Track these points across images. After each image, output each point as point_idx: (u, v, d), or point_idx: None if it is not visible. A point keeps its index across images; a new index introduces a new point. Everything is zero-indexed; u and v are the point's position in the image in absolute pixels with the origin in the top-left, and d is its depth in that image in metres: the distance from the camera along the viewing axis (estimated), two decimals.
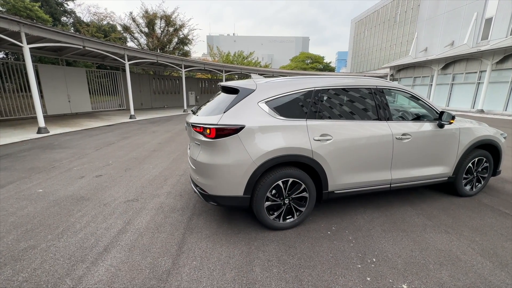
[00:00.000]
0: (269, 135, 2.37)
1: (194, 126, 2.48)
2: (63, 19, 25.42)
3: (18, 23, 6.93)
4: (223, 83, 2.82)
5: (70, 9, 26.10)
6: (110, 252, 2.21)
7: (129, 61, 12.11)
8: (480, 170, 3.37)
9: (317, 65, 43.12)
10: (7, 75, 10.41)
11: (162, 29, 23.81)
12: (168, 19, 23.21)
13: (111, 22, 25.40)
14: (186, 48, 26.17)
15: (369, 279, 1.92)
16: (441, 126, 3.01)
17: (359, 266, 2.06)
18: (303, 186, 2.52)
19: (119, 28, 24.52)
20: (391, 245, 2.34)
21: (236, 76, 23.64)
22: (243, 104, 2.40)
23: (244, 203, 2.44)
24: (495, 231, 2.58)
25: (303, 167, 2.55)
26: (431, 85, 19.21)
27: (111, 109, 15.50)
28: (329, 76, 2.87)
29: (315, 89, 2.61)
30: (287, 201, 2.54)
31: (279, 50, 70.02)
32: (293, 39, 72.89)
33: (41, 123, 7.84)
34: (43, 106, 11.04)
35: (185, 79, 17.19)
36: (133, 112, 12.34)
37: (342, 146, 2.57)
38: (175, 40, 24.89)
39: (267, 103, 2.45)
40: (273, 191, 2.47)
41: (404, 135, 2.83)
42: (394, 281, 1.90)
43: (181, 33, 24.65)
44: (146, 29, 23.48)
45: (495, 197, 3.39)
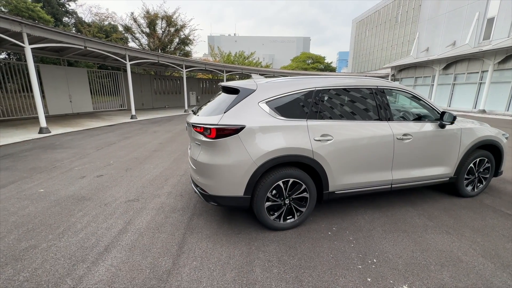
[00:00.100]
0: (270, 135, 2.36)
1: (194, 126, 2.48)
2: (65, 19, 25.54)
3: (20, 24, 6.97)
4: (223, 83, 2.81)
5: (71, 9, 26.25)
6: (110, 252, 2.22)
7: (130, 61, 12.14)
8: (481, 170, 3.35)
9: (318, 65, 43.10)
10: (9, 76, 10.46)
11: (163, 30, 23.87)
12: (169, 20, 23.26)
13: (112, 22, 25.51)
14: (187, 48, 26.24)
15: (369, 280, 1.91)
16: (442, 126, 2.99)
17: (360, 266, 2.06)
18: (304, 186, 2.51)
19: (121, 28, 24.62)
20: (392, 246, 2.33)
21: (237, 76, 23.65)
22: (244, 104, 2.40)
23: (244, 204, 2.44)
24: (497, 232, 2.57)
25: (303, 168, 2.55)
26: (433, 85, 19.15)
27: (112, 109, 15.54)
28: (329, 76, 2.87)
29: (316, 89, 2.60)
30: (287, 202, 2.54)
31: (280, 50, 70.03)
32: (294, 39, 72.87)
33: (43, 123, 7.87)
34: (45, 106, 11.09)
35: (186, 79, 17.22)
36: (134, 112, 12.37)
37: (342, 146, 2.56)
38: (176, 40, 24.95)
39: (267, 103, 2.44)
40: (274, 192, 2.47)
41: (405, 135, 2.82)
42: (395, 282, 1.89)
43: (182, 33, 24.71)
44: (147, 30, 23.55)
45: (497, 198, 3.38)
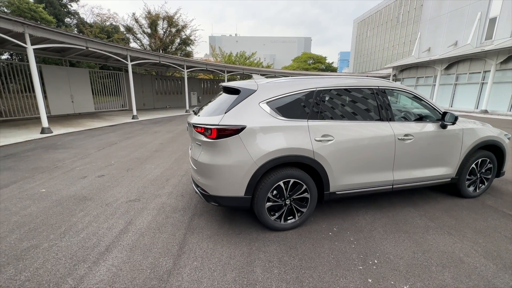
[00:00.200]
0: (270, 135, 2.36)
1: (195, 126, 2.48)
2: (67, 20, 25.65)
3: (22, 24, 7.01)
4: (224, 84, 2.82)
5: (73, 10, 26.36)
6: (111, 252, 2.22)
7: (131, 61, 12.18)
8: (483, 171, 3.33)
9: (319, 66, 43.09)
10: (11, 76, 10.52)
11: (164, 30, 23.91)
12: (170, 20, 23.30)
13: (114, 23, 25.56)
14: (188, 48, 26.26)
15: (370, 281, 1.90)
16: (444, 126, 2.98)
17: (361, 267, 2.05)
18: (304, 186, 2.51)
19: (122, 29, 24.67)
20: (393, 247, 2.32)
21: (238, 76, 23.66)
22: (244, 104, 2.40)
23: (245, 204, 2.44)
24: (499, 233, 2.55)
25: (304, 168, 2.55)
26: (434, 85, 19.08)
27: (114, 110, 15.59)
28: (330, 76, 2.86)
29: (317, 89, 2.60)
30: (288, 202, 2.53)
31: (281, 50, 70.03)
32: (295, 40, 72.85)
33: (45, 123, 7.91)
34: (47, 106, 11.12)
35: (187, 79, 17.24)
36: (135, 112, 12.41)
37: (343, 146, 2.56)
38: (178, 40, 24.98)
39: (268, 103, 2.44)
40: (274, 192, 2.47)
41: (406, 135, 2.81)
42: (396, 283, 1.88)
43: (183, 33, 24.73)
44: (148, 30, 23.59)
45: (499, 199, 3.36)
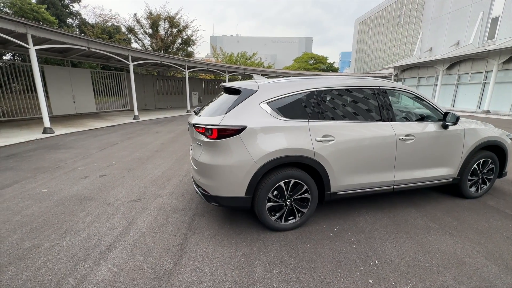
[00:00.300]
0: (271, 135, 2.36)
1: (196, 126, 2.48)
2: (69, 21, 25.77)
3: (24, 25, 7.05)
4: (225, 84, 2.82)
5: (75, 11, 26.50)
6: (112, 252, 2.23)
7: (133, 62, 12.21)
8: (485, 171, 3.32)
9: (321, 66, 43.05)
10: (14, 76, 10.58)
11: (165, 30, 23.96)
12: (171, 20, 23.34)
13: (115, 23, 25.63)
14: (189, 49, 26.29)
15: (371, 282, 1.90)
16: (445, 127, 2.97)
17: (362, 268, 2.05)
18: (305, 187, 2.51)
19: (124, 29, 24.73)
20: (394, 247, 2.31)
21: (239, 76, 23.68)
22: (245, 105, 2.40)
23: (245, 204, 2.44)
24: (501, 234, 2.54)
25: (305, 168, 2.54)
26: (436, 85, 19.01)
27: (115, 110, 15.65)
28: (331, 76, 2.86)
29: (317, 89, 2.60)
30: (289, 202, 2.53)
31: (282, 50, 69.97)
32: (296, 40, 72.78)
33: (47, 123, 7.95)
34: (49, 106, 11.18)
35: (189, 79, 17.27)
36: (136, 112, 12.44)
37: (344, 147, 2.55)
38: (179, 41, 25.02)
39: (269, 103, 2.44)
40: (275, 192, 2.46)
41: (407, 136, 2.80)
42: (397, 284, 1.87)
43: (184, 34, 24.76)
44: (150, 30, 23.64)
45: (501, 199, 3.34)
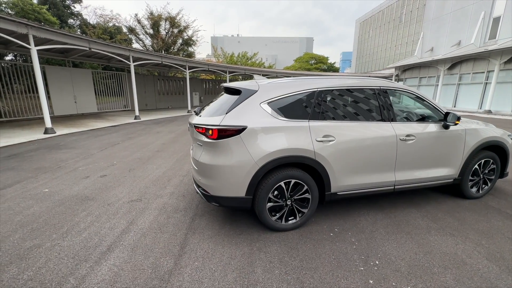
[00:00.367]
0: (271, 136, 2.36)
1: (196, 127, 2.49)
2: (70, 21, 25.85)
3: (26, 26, 7.08)
4: (225, 84, 2.82)
5: (76, 11, 26.56)
6: (113, 251, 2.23)
7: (134, 62, 12.24)
8: (486, 172, 3.31)
9: (321, 66, 43.02)
10: (15, 77, 10.63)
11: (166, 31, 24.03)
12: (172, 21, 23.40)
13: (116, 24, 25.70)
14: (190, 49, 26.35)
15: (372, 282, 1.89)
16: (446, 127, 2.96)
17: (362, 268, 2.04)
18: (306, 187, 2.51)
19: (125, 29, 24.82)
20: (394, 248, 2.31)
21: (240, 77, 23.69)
22: (245, 105, 2.40)
23: (246, 204, 2.44)
24: (502, 234, 2.53)
25: (305, 168, 2.54)
26: (437, 85, 18.96)
27: (116, 110, 15.68)
28: (332, 76, 2.86)
29: (318, 90, 2.60)
30: (289, 202, 2.53)
31: (283, 50, 69.95)
32: (297, 40, 72.74)
33: (48, 123, 7.98)
34: (50, 107, 11.23)
35: (189, 80, 17.30)
36: (137, 112, 12.47)
37: (345, 147, 2.55)
38: (180, 41, 25.08)
39: (269, 104, 2.44)
40: (275, 192, 2.46)
41: (408, 136, 2.79)
42: (397, 284, 1.87)
43: (185, 34, 24.82)
44: (151, 31, 23.71)
45: (503, 200, 3.33)
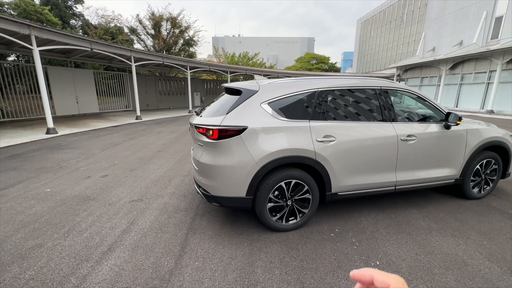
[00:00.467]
0: (272, 136, 2.37)
1: (197, 127, 2.49)
2: (72, 22, 25.95)
3: (28, 27, 7.11)
4: (226, 84, 2.83)
5: (78, 12, 26.66)
6: (114, 251, 2.24)
7: (135, 62, 12.27)
8: (488, 172, 3.29)
9: (323, 66, 42.94)
10: (18, 77, 10.68)
11: (168, 31, 24.06)
12: (174, 21, 23.42)
13: (118, 24, 25.77)
14: (191, 49, 26.36)
15: None
16: (447, 127, 2.95)
17: None
18: (306, 187, 2.50)
19: (126, 30, 24.86)
20: (395, 248, 2.30)
21: (241, 77, 23.68)
22: (246, 105, 2.41)
23: (246, 204, 2.44)
24: (504, 235, 2.51)
25: (306, 169, 2.54)
26: (439, 85, 18.88)
27: (118, 110, 15.73)
28: (332, 76, 2.86)
29: (318, 90, 2.60)
30: (289, 203, 2.53)
31: (284, 50, 69.87)
32: (298, 40, 72.64)
33: (50, 123, 8.01)
34: (52, 107, 11.27)
35: (191, 80, 17.32)
36: (139, 113, 12.49)
37: (345, 147, 2.55)
38: (181, 41, 25.09)
39: (269, 104, 2.45)
40: (276, 193, 2.46)
41: (409, 136, 2.78)
42: None
43: (186, 34, 24.84)
44: (152, 31, 23.75)
45: (505, 200, 3.31)
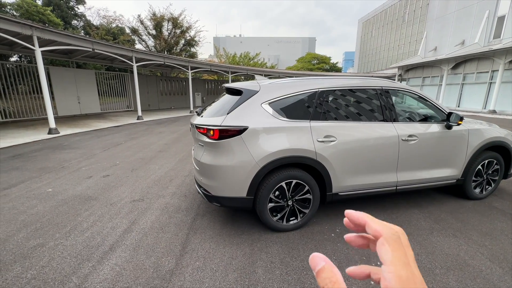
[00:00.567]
0: (272, 136, 2.37)
1: (198, 127, 2.50)
2: (74, 22, 26.07)
3: (30, 27, 7.15)
4: (227, 85, 2.83)
5: (80, 12, 26.77)
6: (115, 251, 2.25)
7: (137, 63, 12.30)
8: (490, 172, 3.28)
9: (324, 66, 42.84)
10: (20, 78, 10.74)
11: (169, 31, 24.11)
12: (175, 21, 23.48)
13: (119, 25, 25.89)
14: (192, 49, 26.41)
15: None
16: (449, 127, 2.94)
17: None
18: (307, 187, 2.50)
19: (128, 30, 24.96)
20: None
21: (242, 77, 23.69)
22: (247, 105, 2.41)
23: (247, 204, 2.44)
24: (506, 235, 2.50)
25: (306, 169, 2.54)
26: (441, 85, 18.79)
27: (119, 110, 15.78)
28: (333, 77, 2.85)
29: (319, 90, 2.59)
30: (290, 203, 2.53)
31: (285, 50, 69.85)
32: (299, 40, 72.60)
33: (52, 124, 8.05)
34: (54, 107, 11.32)
35: (192, 80, 17.35)
36: (140, 113, 12.53)
37: (346, 147, 2.55)
38: (182, 41, 25.14)
39: (270, 104, 2.45)
40: (277, 193, 2.47)
41: (410, 136, 2.78)
42: None
43: (188, 34, 24.89)
44: (153, 31, 23.82)
45: (507, 201, 3.30)
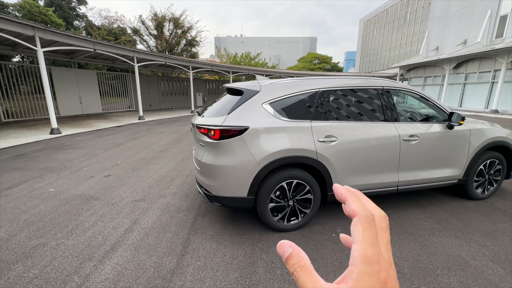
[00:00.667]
0: (273, 136, 2.37)
1: (199, 127, 2.50)
2: (76, 23, 26.20)
3: (32, 28, 7.19)
4: (228, 85, 2.84)
5: (82, 13, 26.90)
6: (116, 250, 2.26)
7: (138, 63, 12.34)
8: (492, 172, 3.26)
9: (325, 66, 42.77)
10: (22, 78, 10.80)
11: (170, 31, 24.16)
12: (176, 22, 23.52)
13: (121, 25, 25.96)
14: (194, 49, 26.44)
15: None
16: (450, 127, 2.93)
17: None
18: (308, 187, 2.50)
19: (129, 31, 25.04)
20: (397, 249, 2.29)
21: (243, 77, 23.70)
22: (247, 105, 2.41)
23: (248, 204, 2.45)
24: (508, 236, 2.49)
25: (307, 169, 2.54)
26: (443, 85, 18.72)
27: (121, 110, 15.83)
28: (334, 77, 2.85)
29: (320, 90, 2.59)
30: (291, 203, 2.53)
31: (286, 50, 69.80)
32: (300, 40, 72.51)
33: (54, 124, 8.09)
34: (56, 107, 11.38)
35: (193, 80, 17.38)
36: (141, 113, 12.56)
37: (347, 147, 2.54)
38: (183, 42, 25.19)
39: (271, 104, 2.45)
40: (277, 193, 2.47)
41: (411, 136, 2.77)
42: (400, 286, 1.85)
43: (189, 35, 24.93)
44: (155, 32, 23.88)
45: (509, 201, 3.28)
